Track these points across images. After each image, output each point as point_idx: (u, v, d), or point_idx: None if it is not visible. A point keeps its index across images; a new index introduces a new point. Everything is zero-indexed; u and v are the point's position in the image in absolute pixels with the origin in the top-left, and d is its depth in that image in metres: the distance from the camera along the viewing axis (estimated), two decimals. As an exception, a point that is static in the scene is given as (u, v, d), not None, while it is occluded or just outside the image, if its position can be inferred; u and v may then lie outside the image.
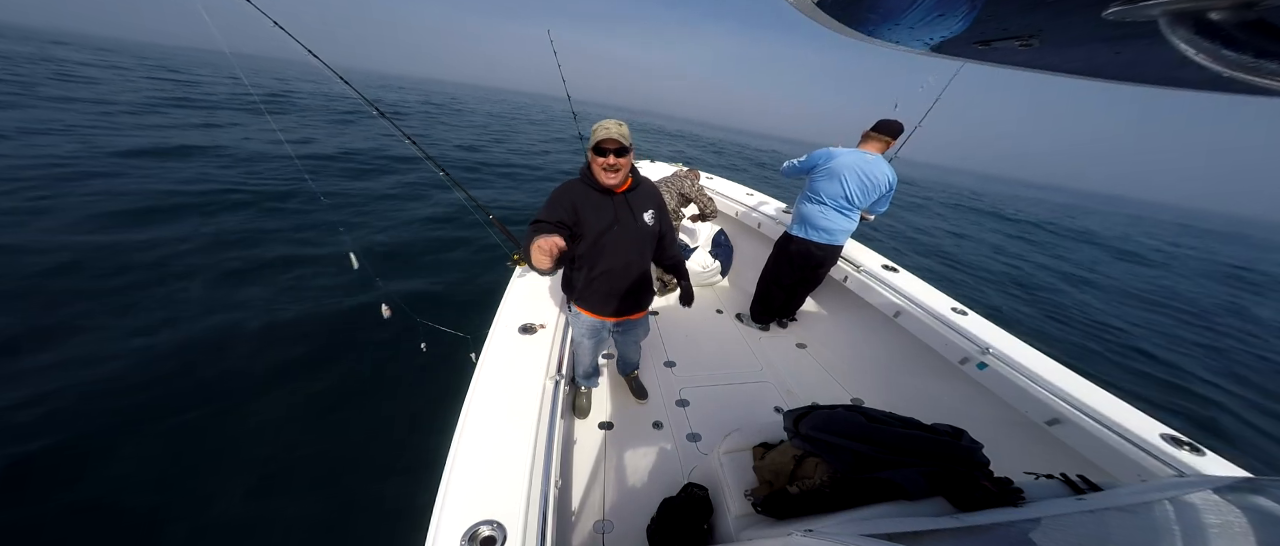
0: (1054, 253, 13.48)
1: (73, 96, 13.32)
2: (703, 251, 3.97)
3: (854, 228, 2.69)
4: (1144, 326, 7.29)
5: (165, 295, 3.90)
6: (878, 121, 2.49)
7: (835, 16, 0.66)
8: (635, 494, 1.97)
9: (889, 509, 1.00)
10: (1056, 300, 7.99)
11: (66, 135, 8.61)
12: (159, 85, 19.71)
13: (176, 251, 4.68)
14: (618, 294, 1.80)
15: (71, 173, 6.47)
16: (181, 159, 8.14)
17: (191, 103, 15.49)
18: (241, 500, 2.33)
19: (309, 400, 3.02)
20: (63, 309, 3.50)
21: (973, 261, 9.98)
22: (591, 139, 1.51)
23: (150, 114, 12.47)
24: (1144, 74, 0.58)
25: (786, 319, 3.37)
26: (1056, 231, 19.06)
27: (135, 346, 3.21)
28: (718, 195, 4.16)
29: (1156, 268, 14.35)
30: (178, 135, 9.97)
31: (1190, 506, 0.73)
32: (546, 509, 1.16)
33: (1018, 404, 1.94)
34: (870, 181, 2.47)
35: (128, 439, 2.55)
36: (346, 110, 18.37)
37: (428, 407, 2.92)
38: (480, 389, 1.49)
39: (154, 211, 5.62)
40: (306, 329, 3.71)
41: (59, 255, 4.19)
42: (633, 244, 1.71)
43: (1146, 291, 10.10)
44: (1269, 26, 0.30)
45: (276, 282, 4.36)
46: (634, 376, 2.56)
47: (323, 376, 3.25)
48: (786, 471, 1.30)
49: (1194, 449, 1.52)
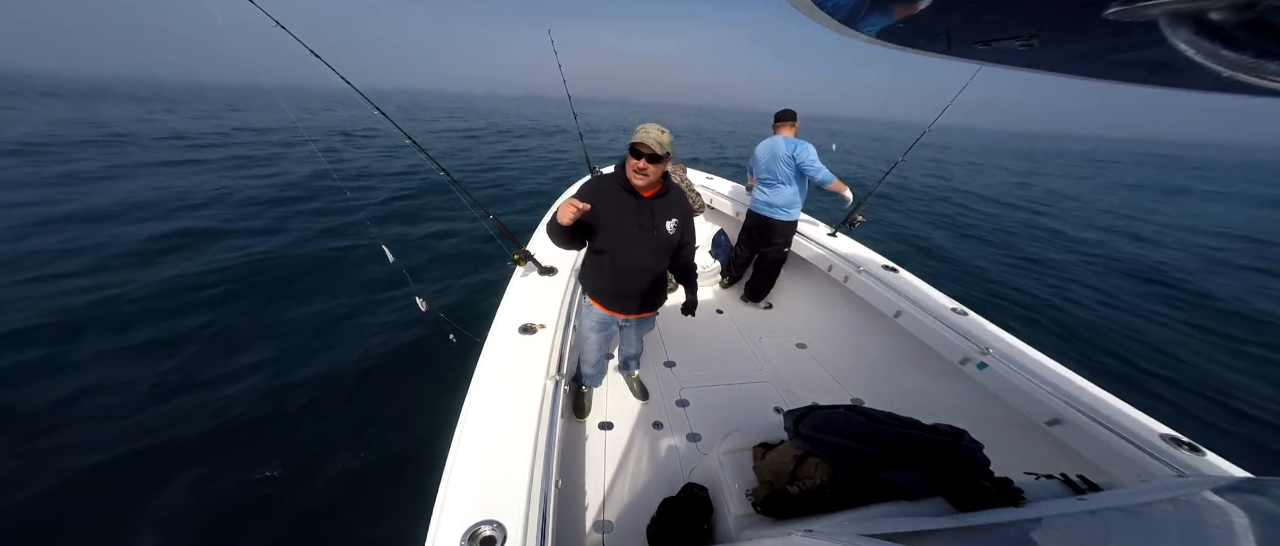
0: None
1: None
2: (702, 251, 3.97)
3: (778, 199, 3.22)
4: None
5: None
6: (776, 114, 3.25)
7: (833, 15, 0.67)
8: (635, 494, 1.97)
9: (889, 509, 1.00)
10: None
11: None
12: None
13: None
14: (630, 294, 1.85)
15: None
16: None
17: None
18: (237, 491, 2.34)
19: (310, 396, 3.03)
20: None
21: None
22: (632, 138, 1.53)
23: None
24: (1144, 74, 0.58)
25: (761, 298, 3.65)
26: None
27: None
28: (717, 195, 4.16)
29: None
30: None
31: (1190, 506, 0.73)
32: (546, 509, 1.16)
33: (1018, 404, 1.94)
34: (771, 155, 3.16)
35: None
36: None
37: (428, 407, 2.92)
38: (480, 389, 1.49)
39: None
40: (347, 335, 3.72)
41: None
42: (649, 249, 1.73)
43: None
44: (1269, 26, 0.30)
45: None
46: (635, 376, 2.56)
47: (322, 371, 3.26)
48: (787, 471, 1.30)
49: (1194, 449, 1.52)
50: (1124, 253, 8.16)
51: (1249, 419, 3.51)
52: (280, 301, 4.24)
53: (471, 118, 31.07)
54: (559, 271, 2.29)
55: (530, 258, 2.28)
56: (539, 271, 2.27)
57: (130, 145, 12.01)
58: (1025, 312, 5.21)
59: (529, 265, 2.28)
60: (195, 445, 2.62)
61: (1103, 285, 6.34)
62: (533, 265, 2.28)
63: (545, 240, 2.60)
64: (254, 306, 4.13)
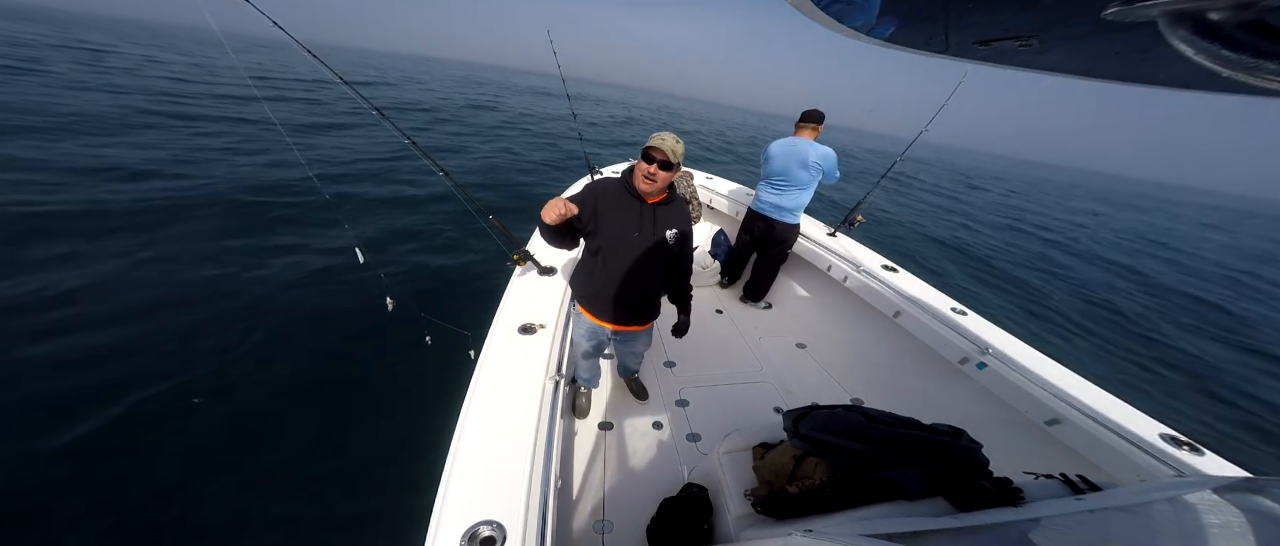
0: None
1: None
2: (702, 251, 3.97)
3: (789, 202, 3.15)
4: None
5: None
6: (802, 113, 3.10)
7: (832, 14, 0.67)
8: (635, 494, 1.97)
9: (889, 509, 1.00)
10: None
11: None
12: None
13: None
14: (621, 302, 1.81)
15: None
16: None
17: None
18: (236, 495, 2.33)
19: (308, 396, 3.03)
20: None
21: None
22: (646, 143, 1.54)
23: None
24: (1143, 74, 0.58)
25: (760, 298, 3.65)
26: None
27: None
28: (717, 195, 4.16)
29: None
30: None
31: (1190, 506, 0.73)
32: (546, 509, 1.16)
33: (1017, 404, 1.94)
34: (793, 159, 3.03)
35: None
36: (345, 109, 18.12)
37: (428, 406, 2.91)
38: (480, 389, 1.49)
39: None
40: (311, 321, 3.73)
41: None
42: (648, 255, 1.72)
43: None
44: (1269, 26, 0.30)
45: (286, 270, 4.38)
46: (634, 377, 2.57)
47: (321, 370, 3.25)
48: (786, 471, 1.30)
49: (1193, 449, 1.52)
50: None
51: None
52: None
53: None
54: (559, 271, 2.29)
55: (530, 258, 2.28)
56: (539, 271, 2.27)
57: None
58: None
59: (528, 265, 2.28)
60: (193, 446, 2.62)
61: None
62: (532, 265, 2.28)
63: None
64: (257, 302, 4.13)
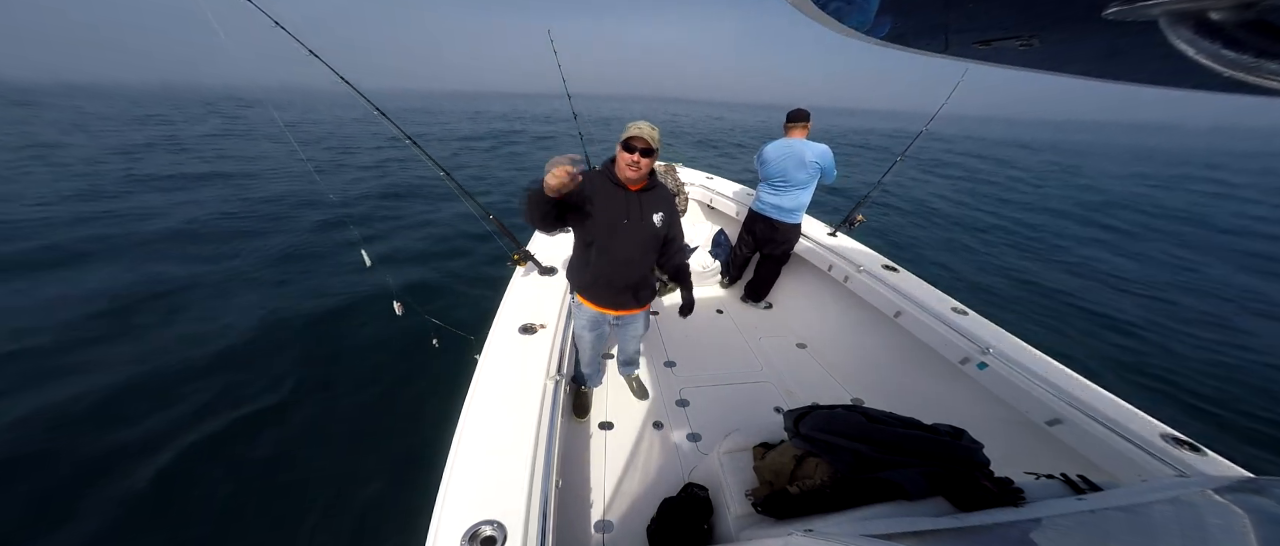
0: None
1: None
2: (702, 251, 3.96)
3: (789, 202, 3.15)
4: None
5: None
6: (789, 114, 3.10)
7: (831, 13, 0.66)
8: (635, 494, 1.97)
9: (889, 509, 1.00)
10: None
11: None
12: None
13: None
14: (618, 287, 1.86)
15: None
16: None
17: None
18: (237, 489, 2.34)
19: (310, 396, 3.03)
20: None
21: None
22: (623, 134, 1.58)
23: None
24: (1144, 74, 0.58)
25: (761, 298, 3.63)
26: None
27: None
28: (717, 195, 4.16)
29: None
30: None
31: (1190, 506, 0.73)
32: (547, 509, 1.16)
33: (1018, 404, 1.94)
34: (790, 159, 3.01)
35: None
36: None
37: (431, 407, 2.92)
38: (480, 389, 1.49)
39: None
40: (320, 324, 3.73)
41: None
42: (638, 241, 1.76)
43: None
44: (1269, 26, 0.30)
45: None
46: (634, 377, 2.56)
47: (326, 373, 3.26)
48: (787, 471, 1.30)
49: (1194, 449, 1.52)
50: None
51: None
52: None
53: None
54: (559, 271, 2.29)
55: (530, 257, 2.28)
56: (539, 271, 2.27)
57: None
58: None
59: (529, 265, 2.28)
60: (196, 446, 2.63)
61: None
62: (533, 265, 2.28)
63: (545, 240, 2.60)
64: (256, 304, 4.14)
